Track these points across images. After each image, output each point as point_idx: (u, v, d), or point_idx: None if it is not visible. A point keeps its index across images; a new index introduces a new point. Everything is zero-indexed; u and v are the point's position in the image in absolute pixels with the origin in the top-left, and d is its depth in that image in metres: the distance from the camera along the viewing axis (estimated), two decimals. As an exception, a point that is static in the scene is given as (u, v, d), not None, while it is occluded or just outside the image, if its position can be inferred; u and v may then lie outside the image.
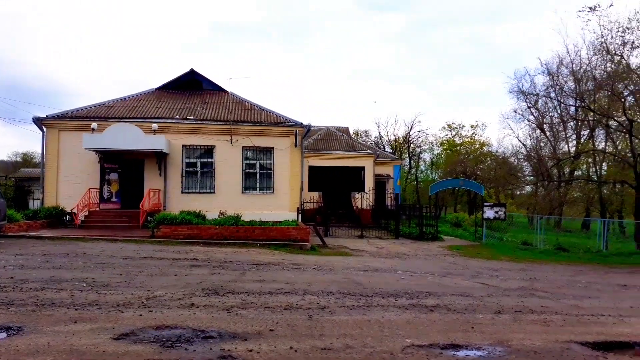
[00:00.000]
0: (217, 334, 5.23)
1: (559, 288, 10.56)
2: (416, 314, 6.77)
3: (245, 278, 9.44)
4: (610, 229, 29.10)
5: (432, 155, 63.72)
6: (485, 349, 5.08)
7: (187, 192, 21.41)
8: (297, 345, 4.91)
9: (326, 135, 33.95)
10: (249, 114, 22.74)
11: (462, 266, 14.53)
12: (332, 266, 12.26)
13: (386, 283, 9.77)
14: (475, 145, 52.08)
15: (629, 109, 21.95)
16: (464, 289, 9.57)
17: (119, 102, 22.70)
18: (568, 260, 18.21)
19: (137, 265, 10.59)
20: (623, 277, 13.97)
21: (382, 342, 5.16)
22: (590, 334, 5.93)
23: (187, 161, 21.58)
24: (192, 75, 25.29)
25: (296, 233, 16.87)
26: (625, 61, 21.05)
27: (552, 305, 8.09)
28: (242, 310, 6.47)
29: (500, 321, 6.54)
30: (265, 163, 22.11)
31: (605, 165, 33.78)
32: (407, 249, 18.74)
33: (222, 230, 16.39)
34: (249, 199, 21.57)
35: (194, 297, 7.22)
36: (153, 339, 4.96)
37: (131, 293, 7.37)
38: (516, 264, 16.06)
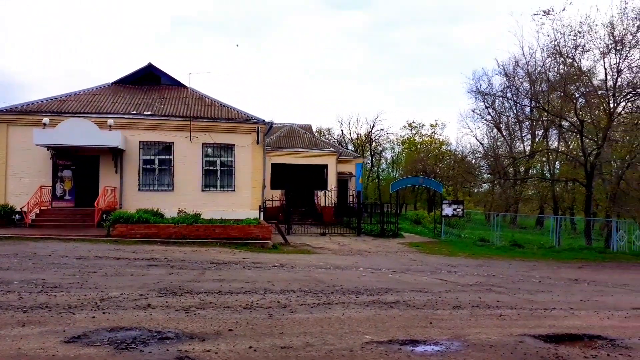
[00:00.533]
0: (174, 335, 5.10)
1: (514, 283, 10.88)
2: (376, 310, 6.81)
3: (205, 278, 9.27)
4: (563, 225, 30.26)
5: (393, 154, 64.63)
6: (443, 343, 5.15)
7: (145, 190, 20.85)
8: (256, 344, 4.83)
9: (289, 132, 33.87)
10: (209, 110, 22.36)
11: (422, 262, 14.78)
12: (293, 264, 12.22)
13: (347, 280, 9.80)
14: (435, 144, 53.08)
15: (580, 110, 22.86)
16: (423, 285, 9.72)
17: (73, 97, 21.86)
18: (523, 256, 18.82)
19: (91, 265, 10.24)
20: (574, 271, 14.55)
21: (342, 339, 5.15)
22: (543, 327, 6.11)
23: (144, 158, 21.00)
24: (150, 70, 24.62)
25: (258, 231, 16.72)
26: (576, 64, 21.90)
27: (507, 300, 8.31)
28: (201, 310, 6.33)
29: (458, 316, 6.66)
30: (226, 160, 21.79)
31: (558, 164, 35.06)
32: (369, 246, 18.91)
33: (181, 229, 16.06)
34: (209, 197, 21.21)
35: (151, 298, 7.02)
36: (106, 341, 4.78)
37: (84, 294, 7.10)
38: (474, 260, 16.47)
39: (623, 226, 22.34)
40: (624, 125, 22.95)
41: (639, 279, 13.31)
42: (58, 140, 18.46)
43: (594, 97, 22.63)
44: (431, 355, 4.72)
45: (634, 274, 14.66)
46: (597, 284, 11.49)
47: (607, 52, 21.11)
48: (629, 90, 21.63)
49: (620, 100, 22.15)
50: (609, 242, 22.04)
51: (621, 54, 20.77)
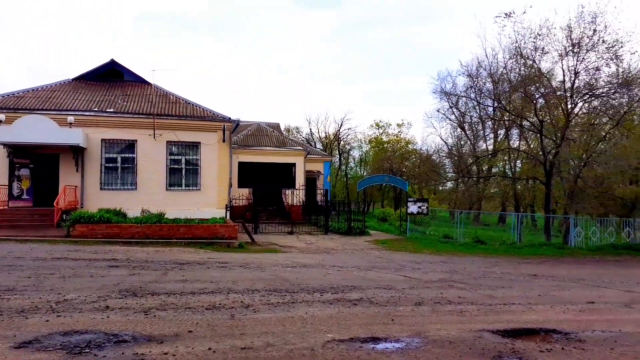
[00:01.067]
0: (132, 338, 4.97)
1: (476, 279, 11.11)
2: (340, 308, 6.83)
3: (167, 278, 9.10)
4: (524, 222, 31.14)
5: (361, 153, 65.08)
6: (404, 340, 5.20)
7: (107, 189, 20.32)
8: (216, 345, 4.76)
9: (256, 130, 33.64)
10: (173, 107, 21.95)
11: (387, 260, 14.93)
12: (259, 263, 12.14)
13: (313, 279, 9.81)
14: (401, 143, 53.74)
15: (540, 110, 23.56)
16: (387, 282, 9.81)
17: (31, 93, 21.08)
18: (485, 253, 19.26)
19: (49, 267, 9.90)
20: (534, 267, 14.97)
21: (304, 338, 5.14)
22: (501, 322, 6.25)
23: (106, 156, 20.45)
24: (113, 66, 23.99)
25: (223, 230, 16.55)
26: (536, 65, 22.53)
27: (468, 295, 8.48)
28: (161, 312, 6.20)
29: (420, 313, 6.75)
30: (192, 158, 21.44)
31: (520, 163, 36.02)
32: (336, 244, 18.99)
33: (144, 228, 15.74)
34: (174, 196, 20.83)
35: (110, 300, 6.84)
36: (59, 346, 4.62)
37: (39, 297, 6.85)
38: (438, 257, 16.75)
39: (580, 223, 23.14)
40: (581, 125, 23.79)
41: (594, 273, 13.79)
42: (15, 137, 17.77)
43: (552, 97, 23.35)
44: (391, 353, 4.76)
45: (590, 269, 15.20)
46: (555, 279, 11.85)
47: (565, 55, 21.82)
48: (585, 91, 22.41)
49: (577, 101, 22.95)
50: (567, 238, 22.78)
51: (578, 56, 21.51)
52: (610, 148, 23.12)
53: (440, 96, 40.48)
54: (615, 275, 13.30)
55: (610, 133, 22.53)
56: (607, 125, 23.06)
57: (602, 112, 23.13)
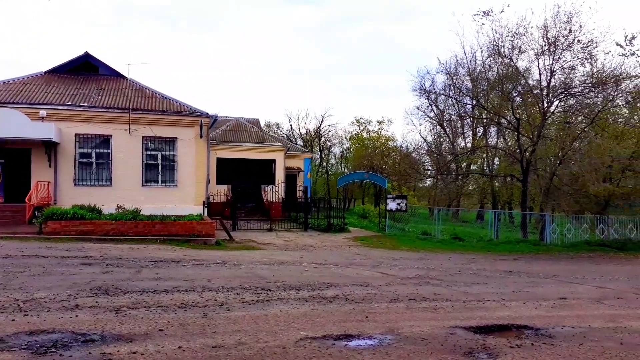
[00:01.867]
0: (100, 337, 4.86)
1: (452, 276, 11.20)
2: (314, 305, 6.80)
3: (141, 276, 8.95)
4: (502, 219, 31.59)
5: (342, 149, 65.11)
6: (377, 337, 5.19)
7: (81, 185, 19.90)
8: (186, 344, 4.68)
9: (235, 126, 33.38)
10: (150, 102, 21.61)
11: (365, 256, 14.96)
12: (236, 261, 12.04)
13: (290, 276, 9.76)
14: (382, 140, 53.89)
15: (517, 109, 23.86)
16: (364, 278, 9.82)
17: (2, 86, 20.49)
18: (463, 249, 19.46)
19: (19, 264, 9.66)
20: (509, 263, 15.17)
21: (276, 336, 5.09)
22: (475, 319, 6.30)
23: (80, 151, 20.01)
24: (87, 59, 23.48)
25: (200, 228, 16.38)
26: (514, 64, 22.78)
27: (444, 292, 8.53)
28: (132, 310, 6.09)
29: (394, 309, 6.75)
30: (168, 154, 21.13)
31: (498, 160, 36.47)
32: (315, 241, 18.96)
33: (118, 225, 15.49)
34: (150, 193, 20.50)
35: (80, 298, 6.69)
36: (24, 346, 4.49)
37: (7, 296, 6.67)
38: (415, 254, 16.85)
39: (556, 220, 23.55)
40: (557, 124, 24.16)
41: (568, 270, 14.03)
42: (-16, 131, 17.29)
43: (529, 96, 23.66)
44: (363, 350, 4.74)
45: (564, 265, 15.47)
46: (530, 275, 12.02)
47: (541, 54, 22.11)
48: (561, 90, 22.75)
49: (553, 99, 23.29)
50: (543, 235, 23.16)
51: (554, 56, 21.81)
52: (584, 146, 23.53)
53: (420, 94, 40.64)
54: (588, 272, 13.57)
55: (585, 131, 22.92)
56: (582, 123, 23.47)
57: (577, 111, 23.53)
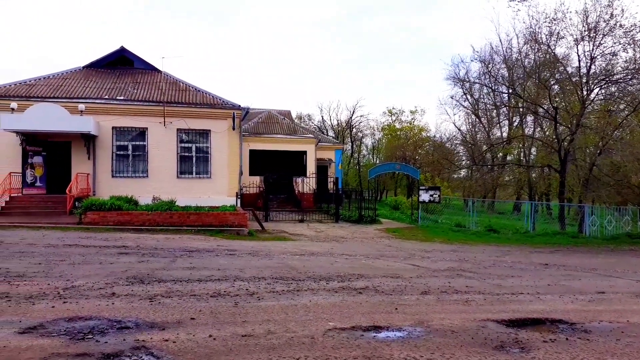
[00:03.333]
0: (134, 324, 5.01)
1: (486, 268, 11.00)
2: (344, 296, 6.81)
3: (175, 265, 9.16)
4: (539, 210, 30.79)
5: (373, 140, 64.70)
6: (406, 329, 5.16)
7: (119, 177, 20.48)
8: (217, 333, 4.77)
9: (267, 118, 33.59)
10: (183, 95, 21.97)
11: (397, 248, 14.86)
12: (268, 251, 12.16)
13: (320, 267, 9.79)
14: (414, 130, 53.18)
15: (555, 97, 23.12)
16: (394, 270, 9.76)
17: (42, 81, 21.24)
18: (497, 241, 19.07)
19: (60, 253, 10.03)
20: (546, 256, 14.78)
21: (305, 326, 5.12)
22: (507, 312, 6.17)
23: (117, 144, 20.58)
24: (123, 54, 24.02)
25: (233, 218, 16.60)
26: (551, 51, 22.07)
27: (476, 285, 8.39)
28: (166, 299, 6.24)
29: (425, 302, 6.69)
30: (202, 146, 21.49)
31: (534, 150, 35.53)
32: (346, 233, 18.95)
33: (154, 216, 15.86)
34: (184, 184, 20.93)
35: (116, 286, 6.91)
36: (63, 332, 4.67)
37: (48, 283, 6.94)
38: (448, 246, 16.62)
39: (596, 211, 22.77)
40: (597, 112, 23.30)
41: (607, 263, 13.57)
42: (27, 125, 17.96)
43: (568, 84, 22.91)
44: (392, 342, 4.71)
45: (603, 258, 14.97)
46: (567, 269, 11.69)
47: (580, 39, 21.34)
48: (602, 77, 21.92)
49: (593, 87, 22.46)
50: (582, 227, 22.46)
51: (594, 41, 21.00)
52: (627, 135, 22.65)
53: (454, 82, 39.93)
54: (628, 265, 13.09)
55: (627, 120, 22.03)
56: (624, 111, 22.57)
57: (618, 99, 22.65)
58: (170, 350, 4.22)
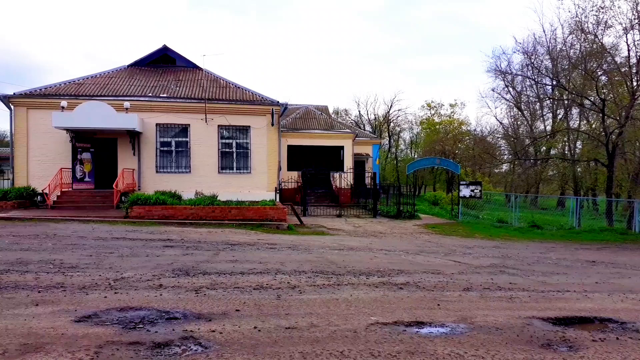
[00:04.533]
0: (182, 315, 5.18)
1: (529, 265, 10.76)
2: (385, 291, 6.81)
3: (218, 258, 9.37)
4: (584, 206, 29.73)
5: (411, 134, 64.05)
6: (449, 325, 5.13)
7: (162, 172, 21.10)
8: (261, 325, 4.88)
9: (305, 114, 33.76)
10: (224, 92, 22.37)
11: (437, 244, 14.70)
12: (307, 245, 12.26)
13: (359, 262, 9.81)
14: (454, 124, 52.33)
15: (602, 88, 22.24)
16: (435, 266, 9.67)
17: (90, 80, 22.09)
18: (541, 238, 18.58)
19: (109, 246, 10.42)
20: (592, 253, 14.30)
21: (347, 320, 5.17)
22: (553, 310, 6.03)
23: (161, 140, 21.20)
24: (165, 52, 24.68)
25: (273, 213, 16.81)
26: (599, 41, 21.21)
27: (520, 282, 8.22)
28: (211, 291, 6.41)
29: (467, 298, 6.61)
30: (242, 142, 21.85)
31: (580, 144, 34.33)
32: (384, 228, 18.88)
33: (197, 210, 16.25)
34: (225, 179, 21.36)
35: (163, 278, 7.13)
36: (115, 321, 4.88)
37: (99, 275, 7.24)
38: (490, 242, 16.32)
39: (647, 207, 21.80)
40: (648, 104, 22.26)
41: (660, 261, 13.00)
42: (76, 123, 18.73)
43: (616, 74, 21.96)
44: (435, 338, 4.70)
45: (655, 256, 14.34)
46: (616, 266, 11.29)
47: (630, 28, 20.40)
48: (653, 67, 20.92)
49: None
50: (631, 223, 21.56)
51: (646, 30, 20.05)
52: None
53: (495, 75, 38.90)
54: (683, 263, 12.49)
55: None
56: (678, 103, 21.46)
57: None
58: (217, 341, 4.35)
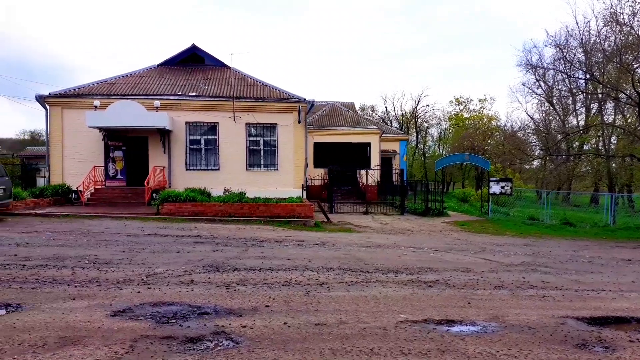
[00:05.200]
0: (213, 310, 5.26)
1: (562, 263, 10.51)
2: (414, 289, 6.77)
3: (247, 254, 9.47)
4: (619, 203, 28.84)
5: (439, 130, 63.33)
6: (480, 324, 5.06)
7: (192, 170, 21.45)
8: (291, 321, 4.92)
9: (331, 111, 33.75)
10: (251, 89, 22.56)
11: (466, 242, 14.50)
12: (334, 242, 12.27)
13: (387, 259, 9.76)
14: (484, 119, 51.46)
15: (639, 82, 21.50)
16: (465, 264, 9.55)
17: (121, 79, 22.60)
18: (574, 235, 18.11)
19: (141, 242, 10.65)
20: (628, 251, 13.87)
21: (377, 317, 5.16)
22: (588, 309, 5.89)
23: (190, 138, 21.55)
24: (194, 51, 25.07)
25: (300, 209, 16.89)
26: (635, 32, 20.48)
27: (553, 280, 8.05)
28: (241, 287, 6.49)
29: (498, 297, 6.51)
30: (269, 140, 22.02)
31: (615, 139, 33.31)
32: (412, 225, 18.73)
33: (226, 207, 16.45)
34: (253, 176, 21.58)
35: (194, 274, 7.26)
36: (149, 316, 4.99)
37: (132, 270, 7.42)
38: (521, 239, 16.00)
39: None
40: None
41: (700, 260, 12.50)
42: (108, 122, 19.21)
43: (654, 67, 21.21)
44: (466, 336, 4.65)
45: (696, 255, 13.80)
46: (653, 265, 10.92)
47: (669, 18, 19.65)
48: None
49: (683, 69, 20.67)
50: (670, 221, 20.82)
51: (685, 20, 19.28)
52: None
53: (526, 69, 38.04)
54: None
55: None
56: None
57: None
58: (248, 336, 4.41)
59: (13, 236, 10.82)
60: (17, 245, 9.58)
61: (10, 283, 6.28)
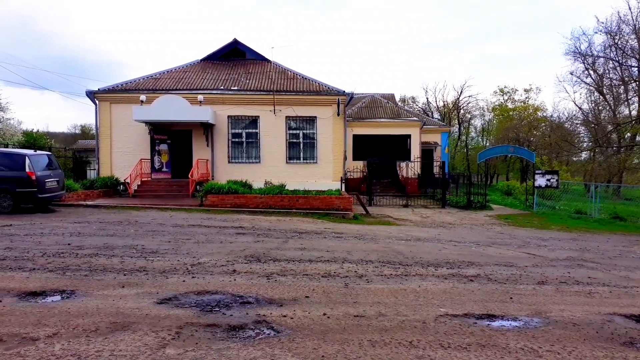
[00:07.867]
0: (255, 300, 5.40)
1: (610, 259, 10.15)
2: (454, 283, 6.71)
3: (287, 246, 9.62)
4: (675, 197, 27.44)
5: (483, 122, 61.82)
6: (522, 319, 4.98)
7: (234, 162, 21.87)
8: (330, 311, 5.00)
9: (371, 102, 33.51)
10: (291, 83, 22.73)
11: (509, 236, 14.19)
12: (373, 235, 12.27)
13: (427, 252, 9.69)
14: (529, 110, 49.84)
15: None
16: (508, 259, 9.37)
17: (166, 74, 23.22)
18: (624, 230, 17.42)
19: (185, 233, 10.98)
20: (684, 247, 13.22)
21: (416, 310, 5.17)
22: (637, 307, 5.68)
23: (232, 132, 21.96)
24: (235, 46, 25.43)
25: (339, 202, 16.95)
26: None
27: (600, 276, 7.80)
28: (281, 277, 6.62)
29: (542, 292, 6.38)
30: (309, 132, 22.16)
31: (670, 129, 31.61)
32: (453, 218, 18.46)
33: (267, 199, 16.71)
34: (293, 169, 21.80)
35: (237, 264, 7.45)
36: (194, 304, 5.18)
37: (177, 260, 7.68)
38: (567, 234, 15.51)
39: None
40: None
41: None
42: (154, 116, 19.83)
43: None
44: (507, 331, 4.59)
45: None
46: None
47: None
48: None
49: None
50: None
51: None
52: None
53: (574, 57, 36.48)
54: None
55: None
56: None
57: None
58: (289, 326, 4.51)
59: (66, 226, 11.38)
60: (70, 234, 10.07)
61: (65, 270, 6.64)
